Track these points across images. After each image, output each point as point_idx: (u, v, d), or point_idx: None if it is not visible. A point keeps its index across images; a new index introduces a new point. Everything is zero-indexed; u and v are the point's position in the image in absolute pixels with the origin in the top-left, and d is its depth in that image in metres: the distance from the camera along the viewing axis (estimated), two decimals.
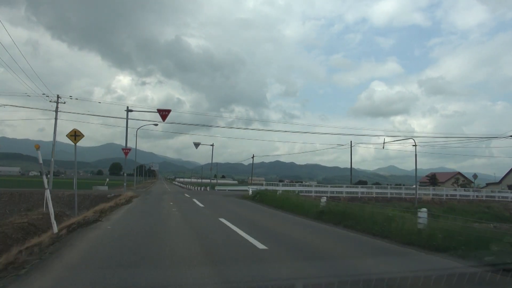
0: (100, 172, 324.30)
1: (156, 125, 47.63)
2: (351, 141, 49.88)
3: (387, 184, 56.83)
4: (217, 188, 50.30)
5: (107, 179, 50.43)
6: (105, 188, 45.32)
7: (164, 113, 27.88)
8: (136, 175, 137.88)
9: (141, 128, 48.83)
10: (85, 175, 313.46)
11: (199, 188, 66.87)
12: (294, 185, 37.68)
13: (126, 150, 28.07)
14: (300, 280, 5.22)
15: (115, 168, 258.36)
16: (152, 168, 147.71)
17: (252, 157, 60.73)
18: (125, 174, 28.75)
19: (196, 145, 50.39)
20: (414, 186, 42.49)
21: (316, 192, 35.62)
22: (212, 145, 52.62)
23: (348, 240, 9.77)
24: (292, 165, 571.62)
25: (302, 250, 8.02)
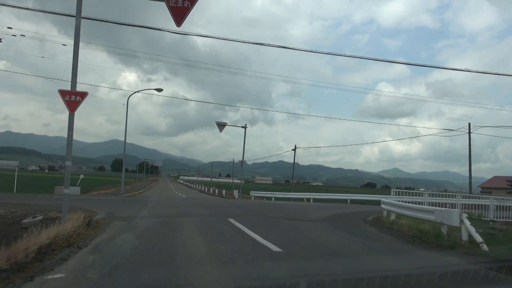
0: (102, 168, 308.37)
1: (160, 90, 29.75)
2: (469, 124, 31.67)
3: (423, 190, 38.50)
4: (253, 193, 31.82)
5: (81, 176, 31.93)
6: (76, 190, 27.41)
7: (178, 5, 9.87)
8: (137, 172, 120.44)
9: (140, 92, 30.64)
10: (87, 170, 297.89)
11: (215, 190, 48.31)
12: (452, 196, 18.73)
13: (74, 97, 9.60)
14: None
15: (118, 165, 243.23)
16: (155, 164, 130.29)
17: (294, 149, 42.72)
18: (66, 164, 9.94)
19: (221, 126, 32.52)
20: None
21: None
22: (245, 126, 34.57)
23: None
24: (296, 165, 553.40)
25: None
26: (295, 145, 43.19)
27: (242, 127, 34.32)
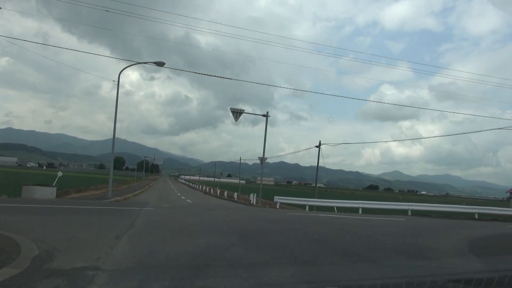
0: (102, 166, 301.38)
1: (161, 64, 22.84)
2: None
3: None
4: (278, 199, 23.99)
5: (59, 174, 24.80)
6: (51, 191, 20.33)
7: None
8: (136, 171, 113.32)
9: (137, 64, 23.70)
10: (87, 168, 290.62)
11: (223, 192, 41.27)
12: None
13: None
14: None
15: (118, 163, 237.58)
16: (155, 163, 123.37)
17: (319, 145, 35.77)
18: None
19: (237, 114, 25.61)
20: None
21: None
22: (267, 114, 27.60)
23: None
24: (296, 166, 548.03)
25: None
26: (320, 141, 36.20)
27: (263, 115, 27.37)
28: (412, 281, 5.12)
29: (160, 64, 22.60)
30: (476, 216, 21.98)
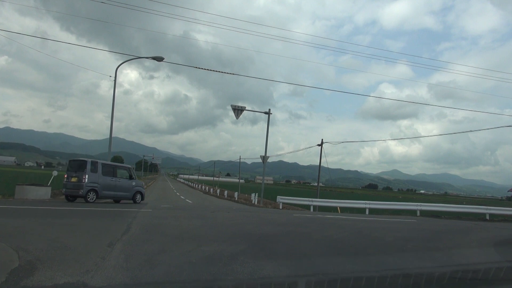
0: None
1: (160, 59, 21.96)
2: None
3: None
4: (281, 199, 22.53)
5: (54, 173, 23.77)
6: (45, 191, 19.38)
7: None
8: (135, 170, 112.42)
9: (129, 61, 22.72)
10: None
11: (224, 192, 40.29)
12: None
13: None
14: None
15: (116, 162, 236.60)
16: (153, 162, 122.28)
17: (321, 144, 34.93)
18: None
19: (238, 111, 24.74)
20: None
21: None
22: (269, 112, 26.65)
23: None
24: (295, 165, 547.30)
25: None
26: (322, 140, 35.40)
27: (265, 112, 26.49)
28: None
29: (159, 59, 21.73)
30: (487, 217, 21.20)
